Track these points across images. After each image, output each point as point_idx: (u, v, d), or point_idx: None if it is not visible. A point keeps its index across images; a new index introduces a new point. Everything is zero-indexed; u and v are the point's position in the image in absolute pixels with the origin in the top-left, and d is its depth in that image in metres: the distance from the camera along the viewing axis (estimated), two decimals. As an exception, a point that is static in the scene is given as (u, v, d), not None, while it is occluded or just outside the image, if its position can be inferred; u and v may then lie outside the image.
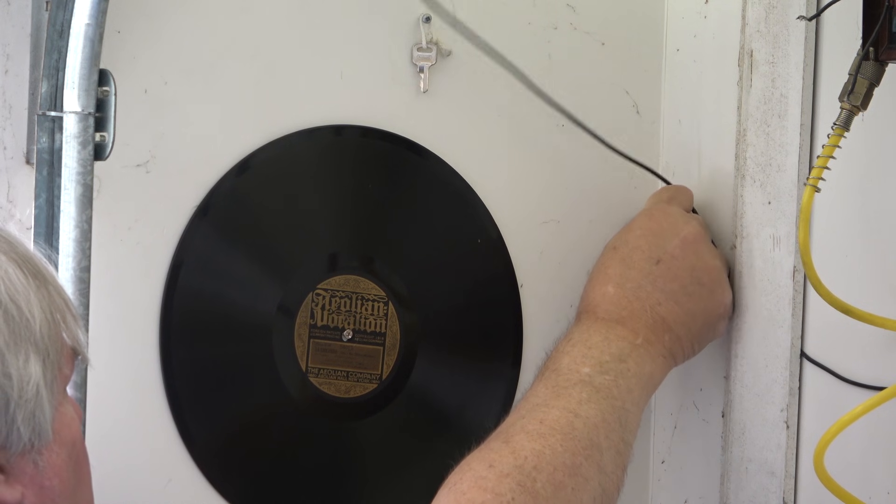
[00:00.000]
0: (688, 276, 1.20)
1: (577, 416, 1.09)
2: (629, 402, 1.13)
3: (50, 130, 1.07)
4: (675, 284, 1.20)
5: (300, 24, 1.20)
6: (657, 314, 1.19)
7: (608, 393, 1.12)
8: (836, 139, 1.04)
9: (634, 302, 1.19)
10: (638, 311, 1.18)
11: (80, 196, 1.04)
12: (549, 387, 1.12)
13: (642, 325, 1.18)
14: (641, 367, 1.16)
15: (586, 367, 1.13)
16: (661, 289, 1.19)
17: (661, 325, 1.18)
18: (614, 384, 1.13)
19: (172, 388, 1.17)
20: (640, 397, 1.15)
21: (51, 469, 0.84)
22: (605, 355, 1.15)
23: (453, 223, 1.26)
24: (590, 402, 1.11)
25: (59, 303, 0.86)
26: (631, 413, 1.13)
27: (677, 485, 1.32)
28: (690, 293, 1.20)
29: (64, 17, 1.06)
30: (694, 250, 1.21)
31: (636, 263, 1.20)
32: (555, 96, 1.29)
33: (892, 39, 1.03)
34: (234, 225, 1.19)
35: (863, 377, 1.13)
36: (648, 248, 1.20)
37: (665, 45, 1.33)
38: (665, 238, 1.21)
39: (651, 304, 1.19)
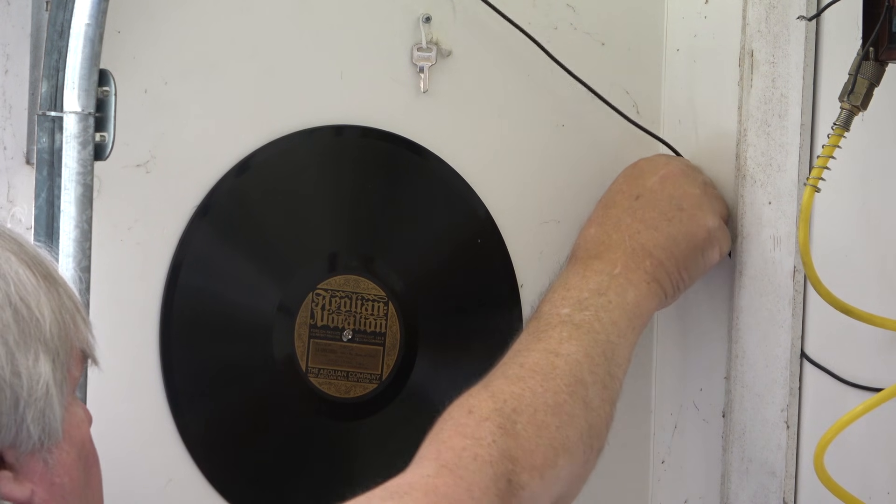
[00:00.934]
0: (666, 203, 1.20)
1: (557, 355, 1.08)
2: (614, 334, 1.11)
3: (50, 130, 1.07)
4: (654, 212, 1.19)
5: (300, 24, 1.20)
6: (635, 242, 1.18)
7: (590, 328, 1.11)
8: (836, 139, 1.04)
9: (613, 234, 1.19)
10: (616, 241, 1.18)
11: (80, 196, 1.04)
12: (530, 332, 1.11)
13: (620, 254, 1.17)
14: (623, 297, 1.14)
15: (565, 308, 1.12)
16: (639, 219, 1.19)
17: (641, 252, 1.17)
18: (595, 318, 1.11)
19: (172, 388, 1.17)
20: (627, 328, 1.13)
21: (61, 467, 0.84)
22: (583, 292, 1.14)
23: (453, 223, 1.26)
24: (570, 339, 1.09)
25: (70, 305, 0.86)
26: (618, 346, 1.11)
27: (677, 485, 1.32)
28: (670, 218, 1.19)
29: (64, 17, 1.06)
30: (673, 182, 1.21)
31: (617, 202, 1.21)
32: (555, 96, 1.29)
33: (892, 39, 1.03)
34: (234, 225, 1.19)
35: (863, 377, 1.13)
36: (629, 188, 1.21)
37: (665, 45, 1.33)
38: (645, 177, 1.22)
39: (629, 234, 1.18)
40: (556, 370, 1.07)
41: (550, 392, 1.05)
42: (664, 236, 1.18)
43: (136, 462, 1.16)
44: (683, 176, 1.22)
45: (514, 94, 1.27)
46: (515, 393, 1.05)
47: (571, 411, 1.05)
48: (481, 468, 0.98)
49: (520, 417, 1.03)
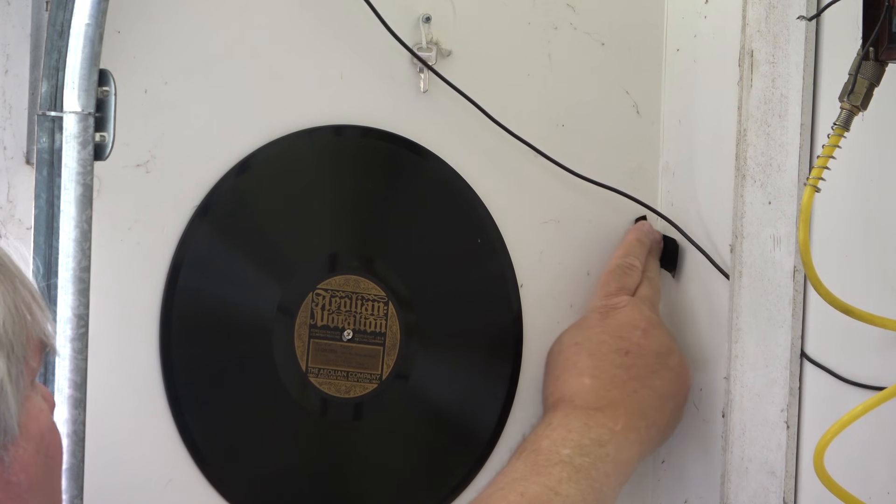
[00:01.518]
0: (655, 361, 1.24)
1: (557, 494, 1.12)
2: (607, 485, 1.16)
3: (50, 130, 1.07)
4: (646, 370, 1.24)
5: (300, 24, 1.20)
6: (634, 401, 1.22)
7: (587, 474, 1.14)
8: (836, 139, 1.04)
9: (612, 391, 1.22)
10: (616, 398, 1.22)
11: (80, 196, 1.04)
12: (529, 464, 1.15)
13: (622, 412, 1.21)
14: (619, 454, 1.18)
15: (566, 449, 1.16)
16: (633, 376, 1.23)
17: (639, 412, 1.22)
18: (593, 467, 1.15)
19: (172, 388, 1.17)
20: (616, 483, 1.18)
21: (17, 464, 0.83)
22: (584, 439, 1.17)
23: (453, 223, 1.26)
24: (570, 481, 1.13)
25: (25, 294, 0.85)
26: (608, 496, 1.16)
27: (677, 485, 1.32)
28: (662, 377, 1.24)
29: (64, 17, 1.06)
30: (653, 335, 1.25)
31: (606, 356, 1.24)
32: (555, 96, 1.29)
33: (892, 39, 1.03)
34: (234, 225, 1.19)
35: (863, 377, 1.13)
36: (614, 342, 1.24)
37: (665, 45, 1.33)
38: (626, 330, 1.25)
39: (628, 392, 1.22)
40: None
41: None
42: (658, 396, 1.24)
43: (136, 462, 1.16)
44: (658, 327, 1.26)
45: (514, 94, 1.27)
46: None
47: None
48: None
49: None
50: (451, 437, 1.26)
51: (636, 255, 1.29)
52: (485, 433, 1.26)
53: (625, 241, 1.30)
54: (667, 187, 1.33)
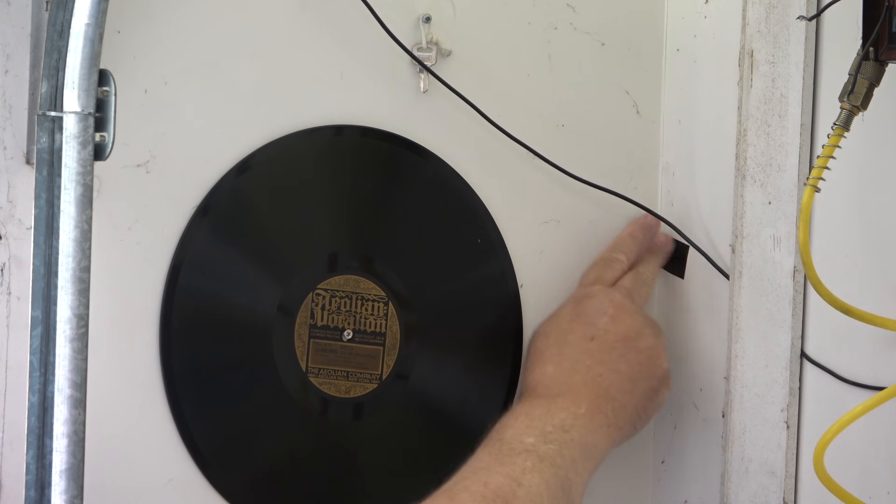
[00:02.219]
0: (622, 344, 1.22)
1: (520, 484, 1.10)
2: (572, 471, 1.14)
3: (50, 130, 1.07)
4: (612, 354, 1.22)
5: (300, 24, 1.20)
6: (599, 384, 1.20)
7: (552, 462, 1.12)
8: (836, 139, 1.04)
9: (574, 375, 1.20)
10: (579, 383, 1.20)
11: (80, 196, 1.04)
12: (493, 454, 1.13)
13: (584, 395, 1.19)
14: (584, 437, 1.16)
15: (530, 438, 1.14)
16: (599, 361, 1.21)
17: (604, 395, 1.19)
18: (558, 454, 1.13)
19: (172, 388, 1.17)
20: (584, 468, 1.15)
21: None
22: (548, 426, 1.15)
23: (453, 223, 1.26)
24: (534, 470, 1.11)
25: None
26: (575, 483, 1.13)
27: (677, 485, 1.32)
28: (629, 360, 1.22)
29: (64, 17, 1.06)
30: (623, 320, 1.23)
31: (571, 342, 1.22)
32: (555, 96, 1.29)
33: (892, 39, 1.03)
34: (234, 225, 1.19)
35: (863, 377, 1.13)
36: (580, 329, 1.23)
37: (665, 45, 1.33)
38: (594, 317, 1.23)
39: (592, 376, 1.20)
40: (517, 499, 1.08)
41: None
42: (625, 378, 1.21)
43: (136, 462, 1.16)
44: (629, 312, 1.24)
45: (514, 93, 1.27)
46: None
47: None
48: None
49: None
50: (452, 438, 1.26)
51: (624, 249, 1.29)
52: (485, 433, 1.26)
53: (619, 235, 1.30)
54: (666, 187, 1.33)
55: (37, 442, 1.06)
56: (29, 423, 1.06)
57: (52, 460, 1.04)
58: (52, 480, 1.04)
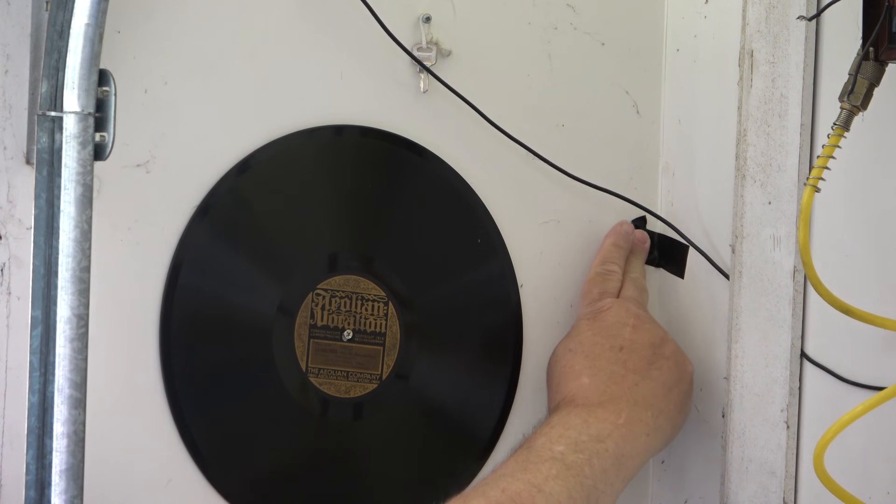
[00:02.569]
0: (650, 352, 1.23)
1: (540, 491, 1.08)
2: (602, 482, 1.13)
3: (50, 130, 1.07)
4: (643, 363, 1.23)
5: (300, 23, 1.20)
6: (636, 393, 1.20)
7: (579, 471, 1.12)
8: (836, 139, 1.04)
9: (612, 386, 1.21)
10: (617, 393, 1.20)
11: (80, 196, 1.04)
12: (520, 461, 1.12)
13: (624, 404, 1.19)
14: (621, 448, 1.16)
15: (560, 446, 1.13)
16: (632, 370, 1.22)
17: (643, 403, 1.20)
18: (587, 463, 1.13)
19: (172, 388, 1.17)
20: (616, 478, 1.15)
21: None
22: (582, 435, 1.15)
23: (453, 223, 1.26)
24: (557, 478, 1.10)
25: None
26: (603, 493, 1.12)
27: (677, 485, 1.32)
28: (660, 367, 1.23)
29: (64, 17, 1.06)
30: (643, 328, 1.24)
31: (601, 355, 1.23)
32: (555, 96, 1.29)
33: (892, 39, 1.03)
34: (234, 225, 1.19)
35: (863, 377, 1.13)
36: (606, 341, 1.24)
37: (665, 45, 1.33)
38: (617, 329, 1.24)
39: (628, 386, 1.21)
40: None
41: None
42: (660, 385, 1.22)
43: (136, 462, 1.16)
44: (647, 321, 1.25)
45: (514, 94, 1.27)
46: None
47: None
48: None
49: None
50: (452, 438, 1.26)
51: (613, 260, 1.29)
52: (485, 433, 1.26)
53: (601, 248, 1.30)
54: (666, 187, 1.33)
55: (37, 442, 1.06)
56: (29, 423, 1.06)
57: (52, 460, 1.04)
58: (52, 480, 1.04)
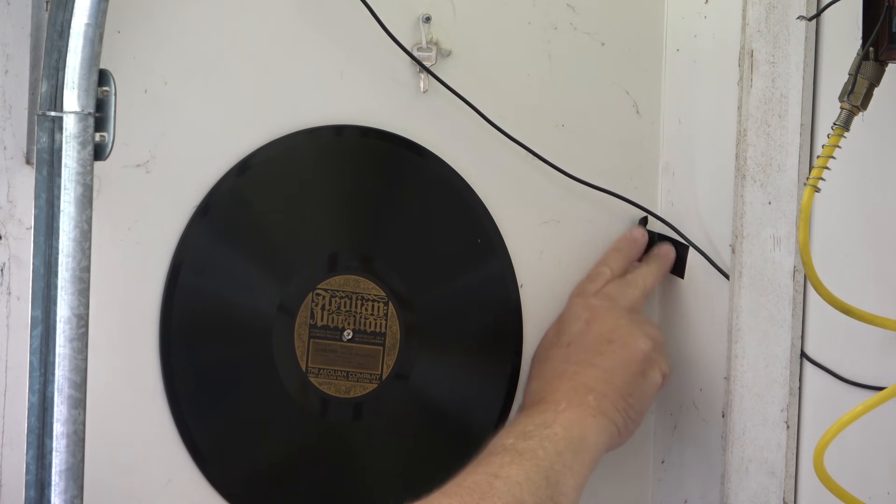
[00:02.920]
0: (595, 341, 1.23)
1: (497, 476, 1.09)
2: (558, 462, 1.12)
3: (50, 130, 1.07)
4: (586, 353, 1.22)
5: (300, 24, 1.20)
6: (575, 381, 1.20)
7: (532, 455, 1.12)
8: (836, 139, 1.04)
9: (553, 382, 1.21)
10: (557, 386, 1.20)
11: (80, 196, 1.04)
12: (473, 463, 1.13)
13: (563, 394, 1.19)
14: (569, 430, 1.15)
15: (510, 439, 1.14)
16: (575, 361, 1.22)
17: (582, 388, 1.19)
18: (539, 446, 1.13)
19: (172, 388, 1.17)
20: (573, 460, 1.14)
21: None
22: (528, 426, 1.16)
23: (453, 223, 1.26)
24: (512, 464, 1.10)
25: None
26: (562, 474, 1.12)
27: (677, 485, 1.32)
28: (602, 352, 1.22)
29: (64, 17, 1.06)
30: (598, 321, 1.24)
31: (550, 355, 1.24)
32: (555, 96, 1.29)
33: (892, 39, 1.03)
34: (234, 225, 1.19)
35: (863, 377, 1.13)
36: (558, 338, 1.25)
37: (665, 45, 1.33)
38: (569, 324, 1.25)
39: (568, 376, 1.21)
40: (494, 490, 1.08)
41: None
42: (602, 370, 1.21)
43: (136, 462, 1.16)
44: (606, 311, 1.25)
45: (514, 93, 1.27)
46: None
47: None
48: None
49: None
50: (452, 437, 1.26)
51: (608, 263, 1.30)
52: (485, 433, 1.26)
53: (606, 251, 1.31)
54: (666, 187, 1.33)
55: (37, 442, 1.06)
56: (29, 423, 1.06)
57: (52, 460, 1.04)
58: (52, 480, 1.04)
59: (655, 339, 1.24)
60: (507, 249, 1.28)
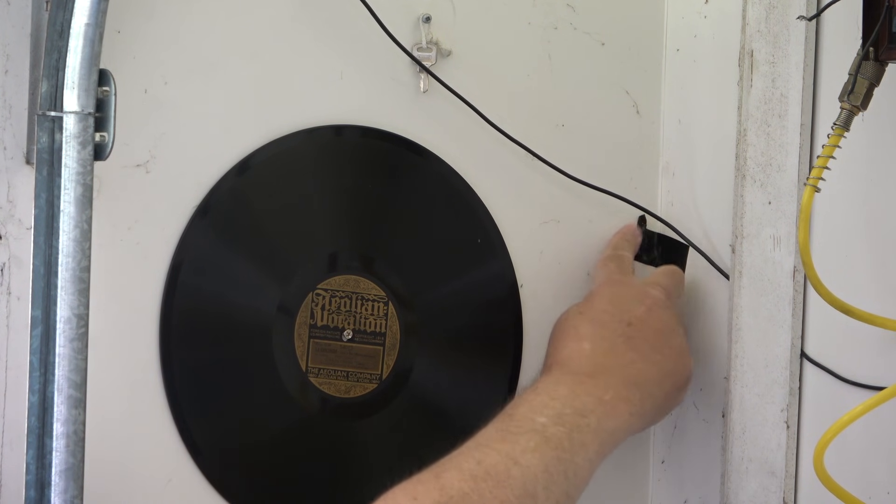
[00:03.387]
0: (656, 337, 1.21)
1: (516, 463, 1.05)
2: (580, 456, 1.09)
3: (50, 130, 1.07)
4: (646, 345, 1.20)
5: (300, 24, 1.20)
6: (630, 372, 1.17)
7: (558, 444, 1.08)
8: (836, 139, 1.04)
9: (610, 358, 1.18)
10: (611, 366, 1.17)
11: (80, 196, 1.04)
12: (499, 430, 1.09)
13: (614, 381, 1.16)
14: (603, 424, 1.12)
15: (542, 417, 1.10)
16: (634, 348, 1.19)
17: (634, 383, 1.16)
18: (567, 437, 1.09)
19: (172, 388, 1.17)
20: (596, 454, 1.11)
21: None
22: (566, 408, 1.11)
23: (453, 223, 1.26)
24: (535, 451, 1.07)
25: None
26: (581, 468, 1.09)
27: (677, 485, 1.32)
28: (662, 353, 1.20)
29: (64, 17, 1.06)
30: (658, 314, 1.22)
31: (608, 324, 1.20)
32: (555, 96, 1.29)
33: (892, 39, 1.03)
34: (234, 225, 1.19)
35: (863, 377, 1.13)
36: (618, 312, 1.21)
37: (665, 45, 1.33)
38: (631, 303, 1.22)
39: (625, 362, 1.18)
40: (511, 479, 1.05)
41: (498, 500, 1.03)
42: (657, 370, 1.19)
43: (136, 462, 1.16)
44: (666, 309, 1.23)
45: (514, 94, 1.27)
46: (464, 492, 1.03)
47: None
48: None
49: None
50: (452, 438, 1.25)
51: (623, 248, 1.29)
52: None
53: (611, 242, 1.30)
54: (666, 187, 1.33)
55: (37, 442, 1.06)
56: (29, 423, 1.06)
57: (52, 460, 1.04)
58: (52, 480, 1.04)
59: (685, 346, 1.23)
60: (507, 249, 1.28)
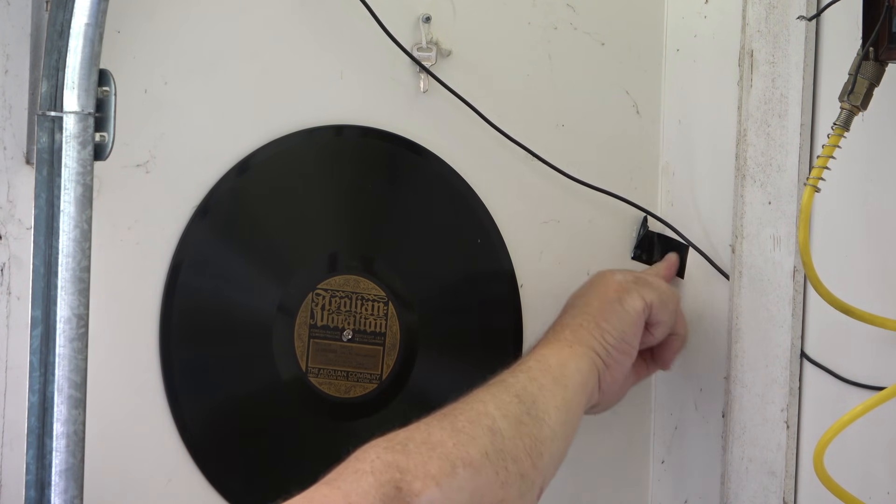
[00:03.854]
0: (581, 294, 1.23)
1: (458, 400, 1.10)
2: (532, 385, 1.12)
3: (50, 130, 1.07)
4: (571, 305, 1.23)
5: (300, 24, 1.20)
6: (555, 326, 1.21)
7: (500, 381, 1.12)
8: (836, 139, 1.04)
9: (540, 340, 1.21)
10: (540, 341, 1.20)
11: (80, 196, 1.04)
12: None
13: (542, 340, 1.19)
14: (543, 361, 1.15)
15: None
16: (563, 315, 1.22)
17: (559, 328, 1.20)
18: (510, 375, 1.13)
19: (172, 388, 1.17)
20: (551, 383, 1.14)
21: None
22: (506, 376, 1.15)
23: (453, 223, 1.26)
24: (479, 392, 1.11)
25: None
26: (537, 393, 1.12)
27: (677, 485, 1.32)
28: (583, 295, 1.23)
29: (64, 17, 1.06)
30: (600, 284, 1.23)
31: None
32: (555, 96, 1.29)
33: (892, 39, 1.03)
34: (234, 225, 1.19)
35: (863, 377, 1.13)
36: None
37: (665, 45, 1.33)
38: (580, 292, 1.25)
39: (550, 327, 1.21)
40: (456, 410, 1.09)
41: (448, 420, 1.07)
42: (578, 309, 1.21)
43: (136, 462, 1.16)
44: (611, 273, 1.24)
45: (514, 94, 1.27)
46: (410, 428, 1.07)
47: (472, 433, 1.07)
48: (360, 478, 1.01)
49: (411, 441, 1.05)
50: (451, 437, 1.26)
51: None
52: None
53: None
54: (666, 187, 1.33)
55: (37, 442, 1.06)
56: (29, 423, 1.06)
57: (52, 460, 1.04)
58: (52, 480, 1.04)
59: (637, 275, 1.24)
60: (507, 249, 1.28)
